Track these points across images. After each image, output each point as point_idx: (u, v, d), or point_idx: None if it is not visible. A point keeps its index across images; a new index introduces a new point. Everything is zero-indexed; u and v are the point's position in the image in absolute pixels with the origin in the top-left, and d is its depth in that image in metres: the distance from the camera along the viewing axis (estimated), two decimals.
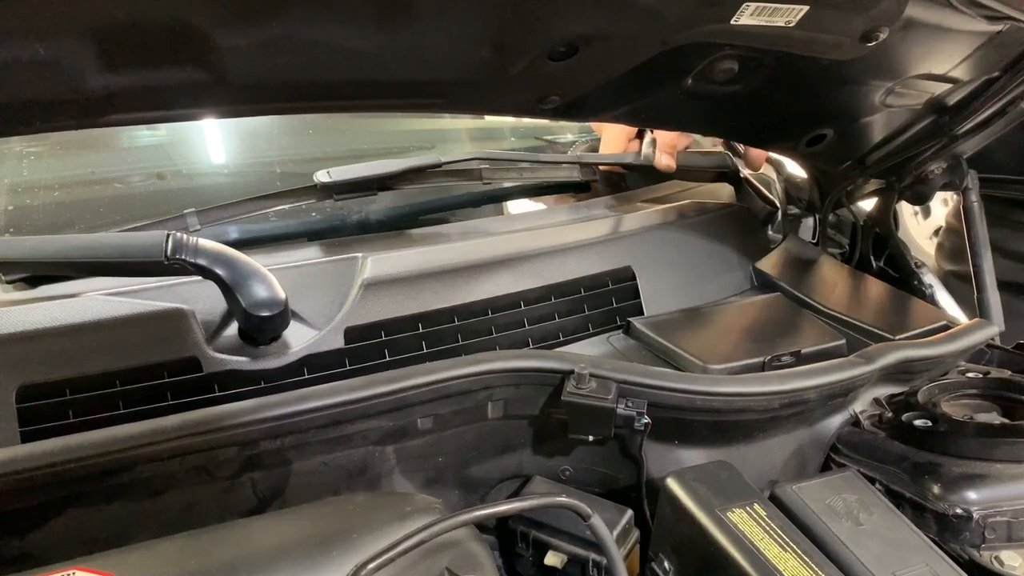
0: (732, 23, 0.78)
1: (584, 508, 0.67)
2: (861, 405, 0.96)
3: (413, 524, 0.64)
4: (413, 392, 0.79)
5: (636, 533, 0.82)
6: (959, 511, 0.78)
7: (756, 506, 0.73)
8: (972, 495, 0.79)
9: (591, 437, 0.83)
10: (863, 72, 0.93)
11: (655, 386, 0.83)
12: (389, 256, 0.98)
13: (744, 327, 1.07)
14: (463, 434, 0.86)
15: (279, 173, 1.34)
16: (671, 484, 0.76)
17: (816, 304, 1.13)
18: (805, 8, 0.78)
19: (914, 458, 0.84)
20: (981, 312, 1.07)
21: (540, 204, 1.38)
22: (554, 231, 1.13)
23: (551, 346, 1.02)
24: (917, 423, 0.87)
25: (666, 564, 0.75)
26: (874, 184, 1.22)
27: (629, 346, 1.03)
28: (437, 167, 1.15)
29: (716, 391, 0.85)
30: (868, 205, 1.27)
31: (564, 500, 0.68)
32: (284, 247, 1.05)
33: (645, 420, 0.82)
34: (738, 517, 0.71)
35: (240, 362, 0.85)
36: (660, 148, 1.20)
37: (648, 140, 1.22)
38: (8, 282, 0.90)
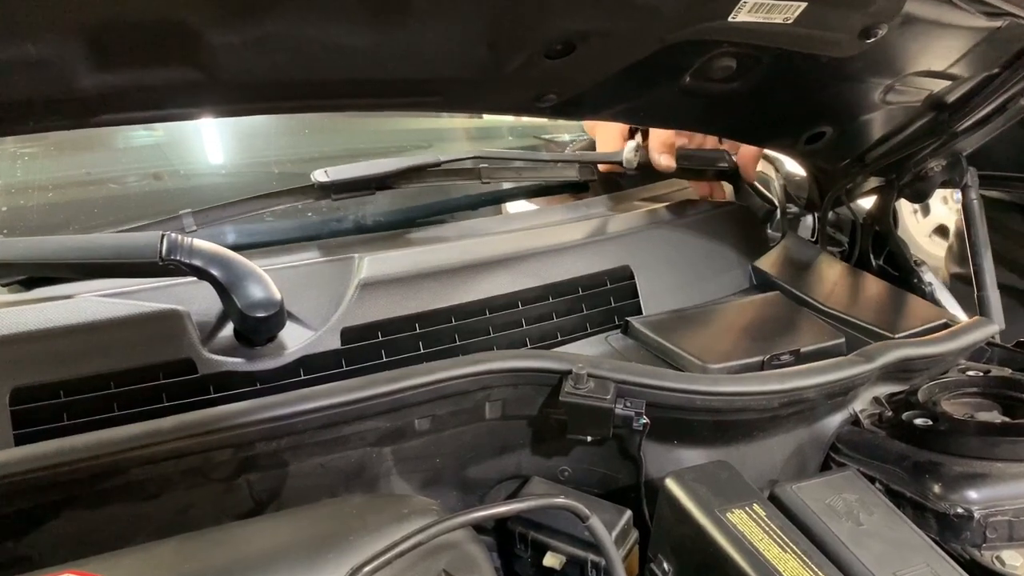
0: (730, 20, 0.77)
1: (582, 509, 0.67)
2: (861, 404, 0.96)
3: (410, 526, 0.63)
4: (410, 393, 0.78)
5: (635, 534, 0.82)
6: (960, 510, 0.77)
7: (756, 506, 0.72)
8: (973, 494, 0.78)
9: (589, 437, 0.82)
10: (862, 69, 0.92)
11: (654, 386, 0.83)
12: (386, 256, 0.98)
13: (743, 326, 1.07)
14: (461, 435, 0.86)
15: (276, 173, 1.33)
16: (670, 484, 0.75)
17: (815, 303, 1.12)
18: (803, 5, 0.77)
19: (914, 457, 0.83)
20: (981, 310, 1.07)
21: (537, 204, 1.37)
22: (552, 230, 1.13)
23: (549, 346, 1.01)
24: (917, 422, 0.86)
25: (665, 565, 0.75)
26: (873, 182, 1.22)
27: (627, 346, 1.02)
28: (436, 166, 1.15)
29: (715, 391, 0.84)
30: (867, 203, 1.27)
31: (562, 501, 0.68)
32: (280, 247, 1.04)
33: (644, 420, 0.81)
34: (737, 517, 0.71)
35: (236, 363, 0.85)
36: (658, 148, 1.19)
37: (631, 145, 1.21)
38: (2, 284, 0.89)
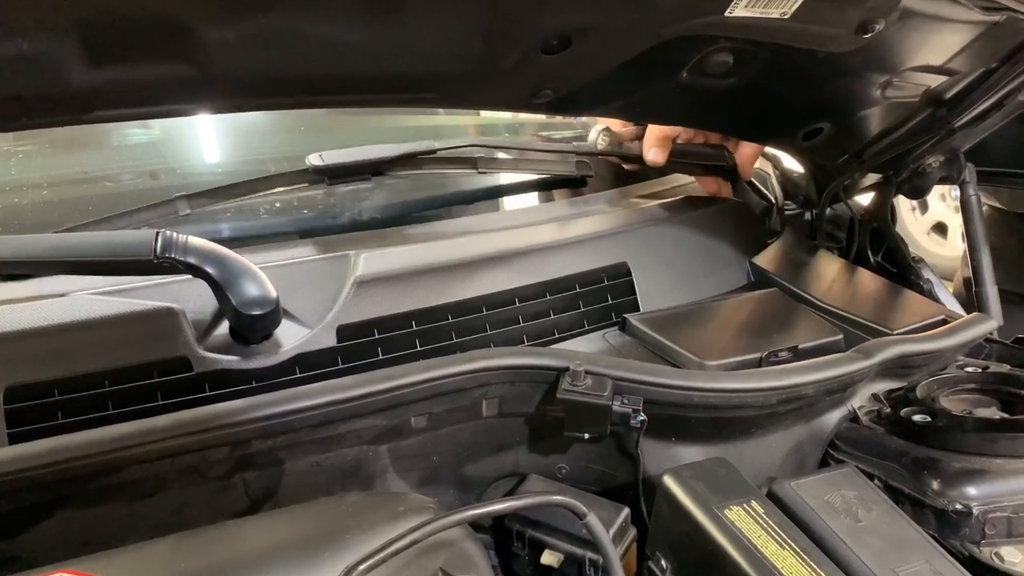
0: (727, 15, 0.77)
1: (580, 507, 0.66)
2: (859, 400, 0.96)
3: (406, 524, 0.63)
4: (407, 390, 0.78)
5: (633, 531, 0.82)
6: (959, 507, 0.77)
7: (754, 503, 0.72)
8: (972, 490, 0.78)
9: (587, 435, 0.82)
10: (860, 64, 0.92)
11: (651, 383, 0.83)
12: (382, 253, 0.97)
13: (741, 323, 1.07)
14: (458, 432, 0.85)
15: (272, 172, 1.32)
16: (668, 481, 0.75)
17: (813, 299, 1.12)
18: None
19: (913, 454, 0.83)
20: (979, 306, 1.07)
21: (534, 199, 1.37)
22: (549, 227, 1.12)
23: (546, 343, 1.01)
24: (916, 418, 0.86)
25: (663, 562, 0.75)
26: (871, 178, 1.22)
27: (625, 342, 1.02)
28: (431, 153, 1.14)
29: (713, 387, 0.84)
30: (865, 199, 1.26)
31: (559, 499, 0.68)
32: (275, 244, 1.04)
33: (641, 417, 0.81)
34: (736, 515, 0.70)
35: (231, 361, 0.84)
36: (651, 142, 1.19)
37: (597, 128, 1.20)
38: None
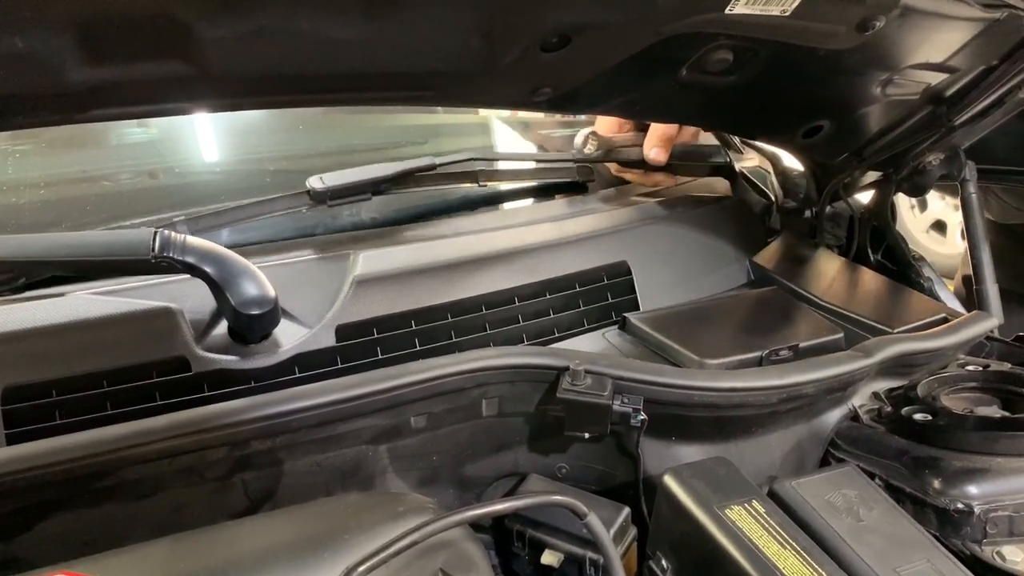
0: (727, 12, 0.77)
1: (580, 507, 0.66)
2: (860, 399, 0.95)
3: (406, 524, 0.63)
4: (406, 390, 0.78)
5: (633, 531, 0.81)
6: (960, 506, 0.77)
7: (754, 503, 0.72)
8: (973, 489, 0.78)
9: (587, 434, 0.82)
10: (860, 62, 0.92)
11: (651, 382, 0.82)
12: (381, 252, 0.97)
13: (741, 322, 1.06)
14: (457, 432, 0.85)
15: (271, 171, 1.32)
16: (668, 481, 0.75)
17: (813, 298, 1.12)
18: None
19: (914, 452, 0.83)
20: (980, 304, 1.06)
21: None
22: (549, 226, 1.12)
23: (546, 342, 1.00)
24: (917, 417, 0.86)
25: (664, 562, 0.74)
26: (871, 176, 1.21)
27: (625, 342, 1.02)
28: (431, 169, 1.14)
29: (713, 386, 0.83)
30: (865, 198, 1.26)
31: (559, 499, 0.67)
32: (274, 245, 1.03)
33: (641, 416, 0.80)
34: (736, 514, 0.70)
35: (230, 361, 0.84)
36: (653, 141, 1.19)
37: (583, 132, 1.19)
38: None
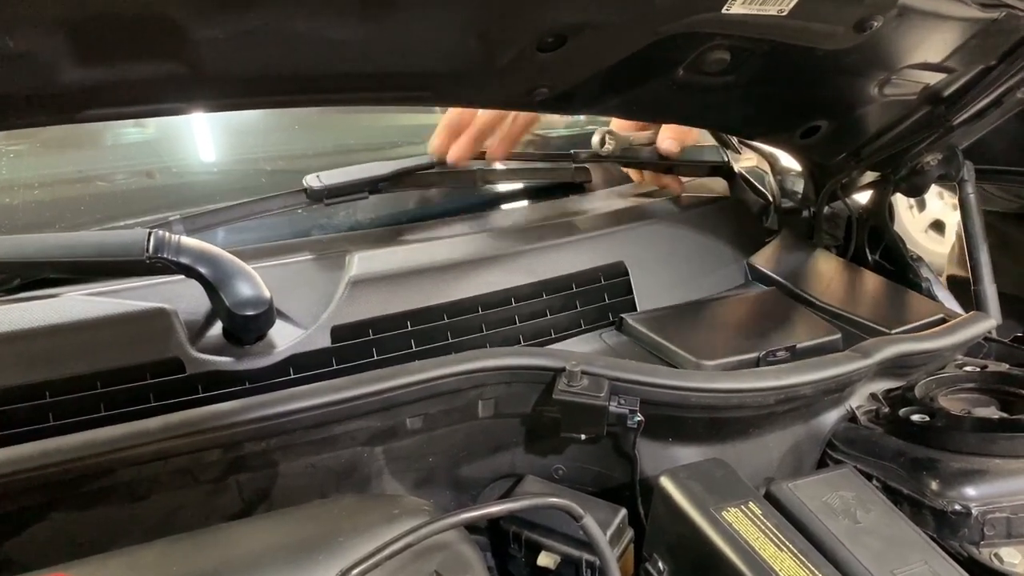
0: (724, 11, 0.76)
1: (576, 509, 0.66)
2: (858, 400, 0.95)
3: (401, 526, 0.62)
4: (402, 391, 0.77)
5: (630, 533, 0.81)
6: (957, 507, 0.77)
7: (751, 504, 0.72)
8: (970, 491, 0.77)
9: (583, 435, 0.81)
10: (858, 62, 0.91)
11: (648, 383, 0.82)
12: (376, 253, 0.96)
13: (738, 322, 1.06)
14: (453, 434, 0.85)
15: (268, 171, 1.32)
16: (665, 483, 0.75)
17: (811, 298, 1.11)
18: None
19: (911, 454, 0.83)
20: (978, 305, 1.06)
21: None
22: (545, 226, 1.12)
23: (543, 343, 1.00)
24: (914, 418, 0.86)
25: (660, 564, 0.74)
26: (869, 176, 1.21)
27: (622, 342, 1.02)
28: (429, 168, 1.13)
29: (710, 388, 0.83)
30: (863, 198, 1.26)
31: (556, 501, 0.67)
32: (270, 245, 1.03)
33: (638, 418, 0.80)
34: (733, 516, 0.70)
35: (224, 362, 0.84)
36: (670, 133, 1.18)
37: (600, 131, 1.19)
38: None
